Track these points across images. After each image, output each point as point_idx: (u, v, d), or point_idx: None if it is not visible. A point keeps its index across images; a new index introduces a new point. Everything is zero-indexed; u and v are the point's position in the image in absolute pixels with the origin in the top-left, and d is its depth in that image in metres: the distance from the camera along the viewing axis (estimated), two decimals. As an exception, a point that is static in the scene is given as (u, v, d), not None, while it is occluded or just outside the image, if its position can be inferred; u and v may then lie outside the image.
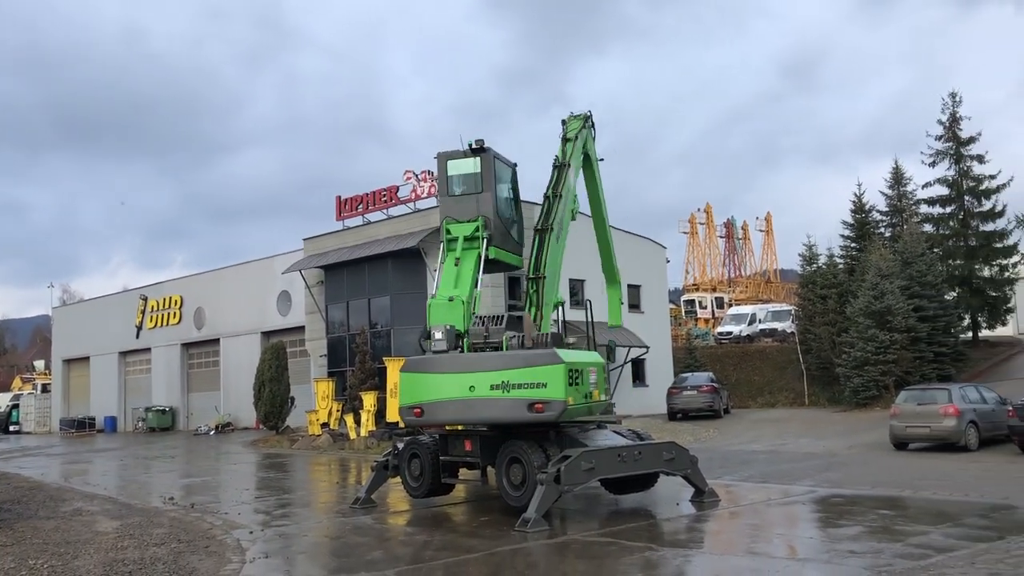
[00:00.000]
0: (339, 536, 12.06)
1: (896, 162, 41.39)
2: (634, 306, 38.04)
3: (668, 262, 43.37)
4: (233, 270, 44.84)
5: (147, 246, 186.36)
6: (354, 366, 31.28)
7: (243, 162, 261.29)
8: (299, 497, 17.20)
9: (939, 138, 38.51)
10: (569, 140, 15.58)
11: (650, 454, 13.12)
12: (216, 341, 44.59)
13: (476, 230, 13.93)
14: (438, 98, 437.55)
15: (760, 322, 50.14)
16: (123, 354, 51.10)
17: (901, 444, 21.36)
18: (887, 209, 40.60)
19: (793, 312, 42.20)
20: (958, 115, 38.29)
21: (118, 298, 53.97)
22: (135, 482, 20.98)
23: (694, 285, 73.16)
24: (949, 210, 38.53)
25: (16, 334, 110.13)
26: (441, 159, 14.67)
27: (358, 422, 28.23)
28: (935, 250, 36.44)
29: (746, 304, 60.19)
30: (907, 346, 30.98)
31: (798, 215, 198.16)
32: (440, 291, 13.74)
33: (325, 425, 30.18)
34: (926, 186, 39.18)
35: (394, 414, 21.56)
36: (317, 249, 36.42)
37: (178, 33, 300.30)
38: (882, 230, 40.08)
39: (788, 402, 37.20)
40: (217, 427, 40.30)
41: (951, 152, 38.27)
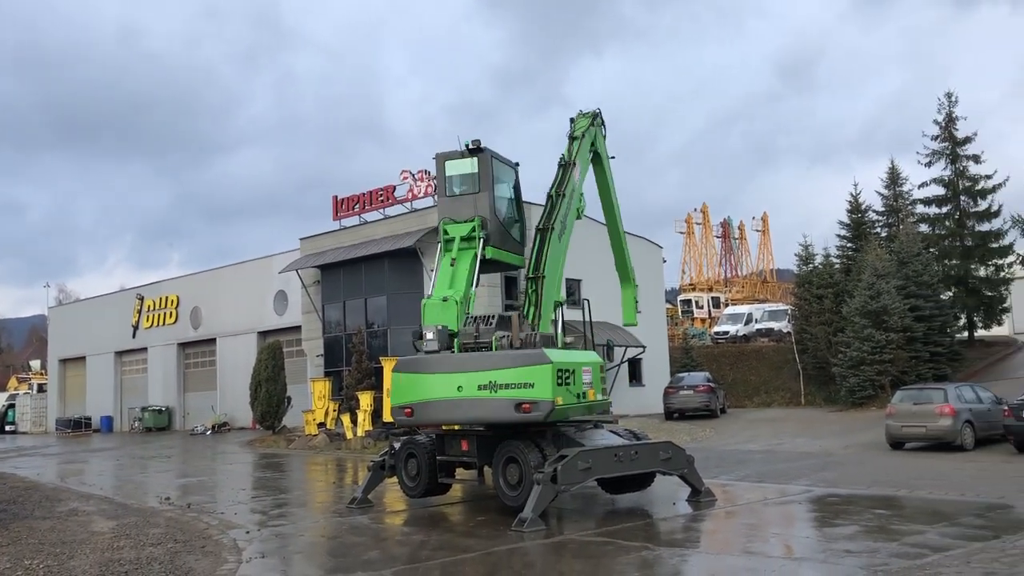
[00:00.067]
0: (336, 536, 12.04)
1: (892, 162, 41.35)
2: (631, 306, 38.00)
3: (665, 262, 43.40)
4: (230, 270, 44.79)
5: (143, 245, 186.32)
6: (351, 366, 31.26)
7: (240, 161, 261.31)
8: (295, 497, 17.18)
9: (935, 138, 38.61)
10: (576, 138, 15.52)
11: (647, 454, 13.13)
12: (212, 341, 44.54)
13: (473, 230, 13.93)
14: (435, 98, 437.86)
15: (756, 322, 50.19)
16: (119, 354, 51.02)
17: (897, 444, 21.40)
18: (883, 209, 40.72)
19: (789, 312, 42.23)
20: (954, 115, 38.40)
21: (114, 298, 53.88)
22: (131, 482, 20.95)
23: (691, 285, 73.22)
24: (945, 210, 38.62)
25: (12, 334, 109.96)
26: (439, 160, 14.68)
27: (355, 422, 28.21)
28: (931, 250, 36.51)
29: (742, 304, 60.23)
30: (903, 346, 31.04)
31: (795, 215, 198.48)
32: (435, 291, 13.77)
33: (322, 425, 30.16)
34: (922, 186, 39.32)
35: (390, 414, 21.57)
36: (314, 249, 36.40)
37: (175, 33, 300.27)
38: (878, 230, 40.18)
39: (784, 402, 37.25)
40: (213, 427, 40.26)
41: (947, 152, 38.35)
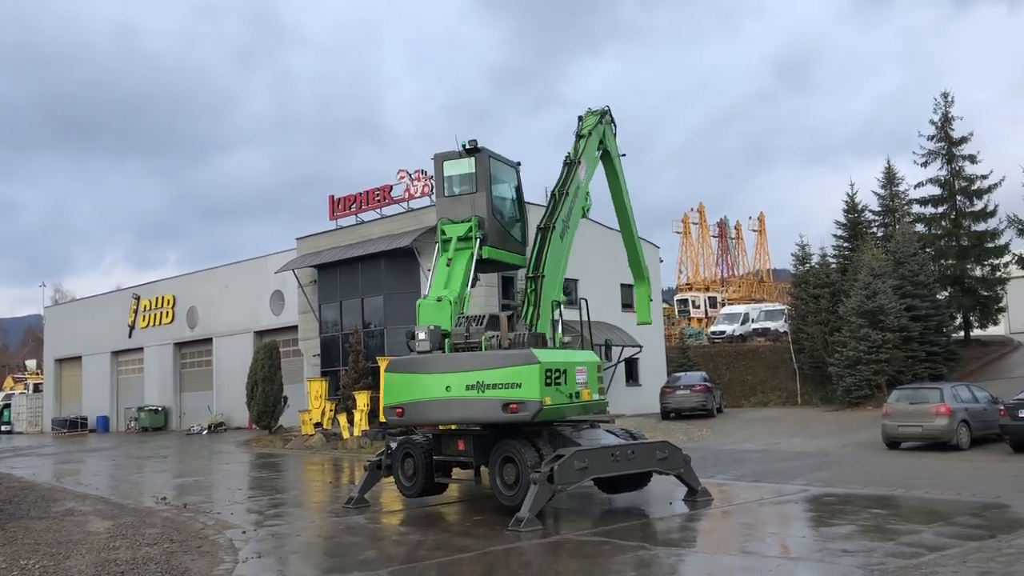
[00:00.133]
0: (332, 536, 12.03)
1: (888, 162, 41.58)
2: (627, 305, 37.99)
3: (661, 261, 43.42)
4: (226, 269, 44.76)
5: (140, 245, 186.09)
6: (347, 366, 31.25)
7: (237, 161, 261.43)
8: (292, 497, 17.16)
9: (931, 138, 38.69)
10: (582, 137, 15.46)
11: (643, 453, 13.12)
12: (209, 340, 44.50)
13: (469, 230, 13.91)
14: (431, 97, 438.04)
15: (753, 321, 50.27)
16: (115, 354, 50.95)
17: (893, 443, 21.42)
18: (879, 209, 40.77)
19: (786, 311, 42.29)
20: (950, 115, 38.48)
21: (110, 297, 53.82)
22: (127, 482, 20.92)
23: (687, 285, 73.34)
24: (941, 210, 38.68)
25: (8, 334, 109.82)
26: (438, 160, 14.67)
27: (351, 422, 28.19)
28: (927, 250, 36.58)
29: (739, 304, 60.34)
30: (899, 345, 31.09)
31: (791, 215, 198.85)
32: (431, 291, 13.79)
33: (318, 425, 30.14)
34: (918, 186, 39.40)
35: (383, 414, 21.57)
36: (310, 248, 36.37)
37: (172, 32, 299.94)
38: (874, 230, 40.23)
39: (781, 401, 37.29)
40: (210, 427, 40.22)
41: (943, 152, 38.42)
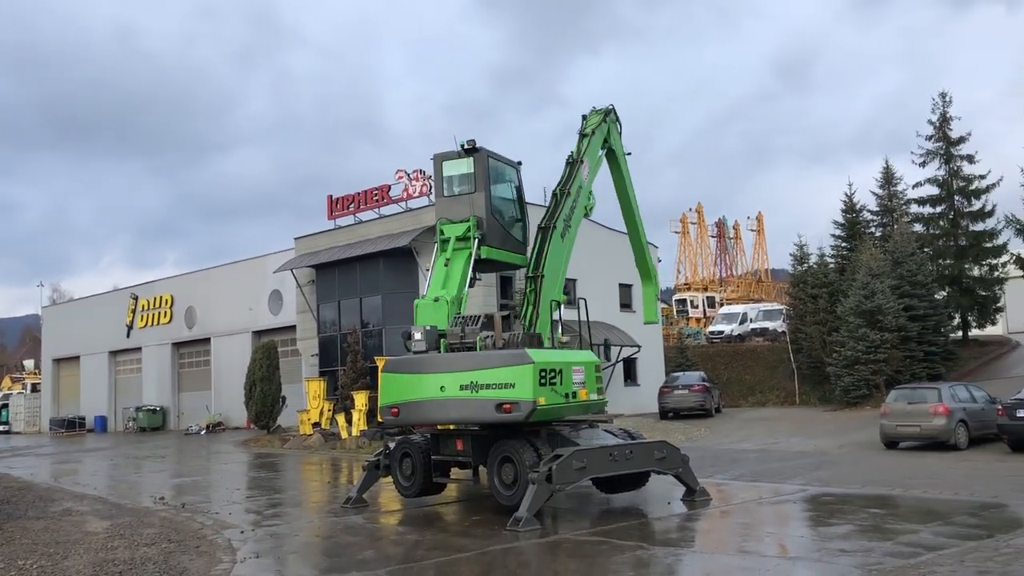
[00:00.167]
0: (330, 536, 12.03)
1: (887, 162, 41.63)
2: (625, 305, 38.09)
3: (660, 261, 43.34)
4: (224, 269, 44.73)
5: (138, 245, 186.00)
6: (345, 365, 31.23)
7: (236, 161, 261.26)
8: (290, 497, 17.16)
9: (929, 138, 38.71)
10: (585, 135, 15.43)
11: (641, 453, 13.13)
12: (207, 340, 44.46)
13: (467, 230, 13.91)
14: (431, 97, 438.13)
15: (751, 321, 50.28)
16: (113, 353, 50.90)
17: (891, 443, 21.43)
18: (878, 209, 40.79)
19: (784, 311, 42.31)
20: (948, 115, 38.51)
21: (108, 297, 53.76)
22: (125, 482, 20.90)
23: (685, 284, 73.40)
24: (939, 210, 38.71)
25: (5, 333, 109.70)
26: (437, 160, 14.68)
27: (349, 421, 28.18)
28: (925, 249, 36.59)
29: (737, 303, 60.38)
30: (897, 345, 31.11)
31: (790, 215, 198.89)
32: (429, 291, 13.82)
33: (316, 424, 30.13)
34: (916, 186, 39.42)
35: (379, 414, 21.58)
36: (308, 248, 36.35)
37: (172, 32, 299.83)
38: (873, 230, 40.24)
39: (779, 401, 37.30)
40: (208, 427, 40.18)
41: (941, 152, 38.45)
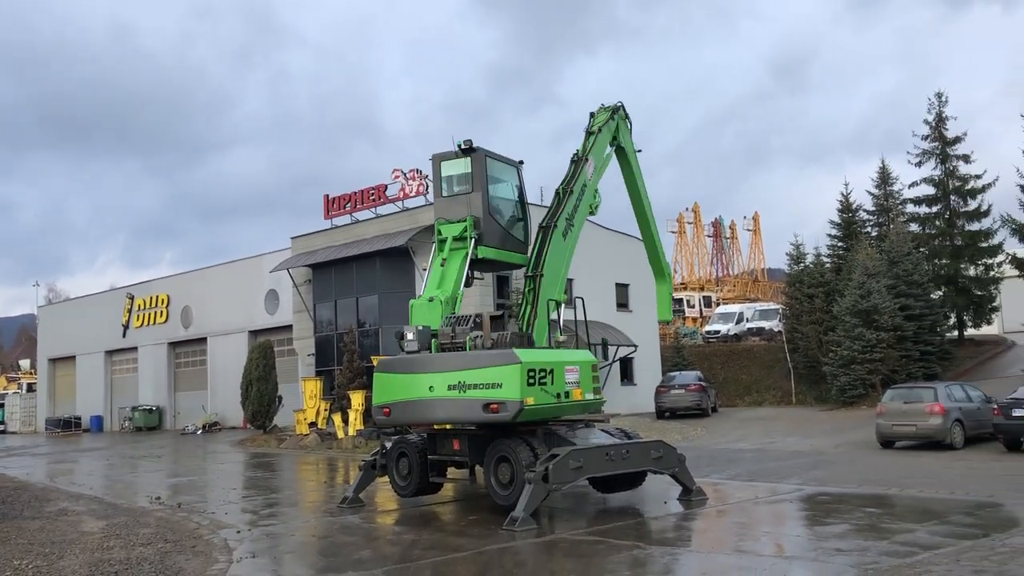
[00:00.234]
0: (327, 535, 12.02)
1: (883, 162, 41.49)
2: (622, 305, 38.11)
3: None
4: (220, 269, 44.67)
5: (135, 244, 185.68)
6: (342, 365, 31.21)
7: (234, 160, 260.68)
8: (287, 496, 17.14)
9: (925, 138, 38.72)
10: (592, 133, 15.36)
11: (638, 453, 13.14)
12: (203, 340, 44.41)
13: (464, 230, 13.91)
14: (428, 97, 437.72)
15: (747, 321, 50.31)
16: (109, 353, 50.82)
17: (887, 442, 21.47)
18: (874, 208, 40.79)
19: (780, 311, 42.33)
20: (944, 115, 38.51)
21: (104, 297, 53.68)
22: (121, 482, 20.87)
23: (682, 284, 73.40)
24: (935, 209, 38.72)
25: (1, 333, 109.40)
26: (435, 160, 14.68)
27: (346, 421, 28.17)
28: (921, 249, 36.61)
29: (734, 303, 60.41)
30: (893, 345, 31.14)
31: (787, 215, 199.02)
32: (425, 291, 13.81)
33: (313, 424, 30.11)
34: (912, 186, 39.40)
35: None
36: (305, 248, 36.32)
37: (168, 31, 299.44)
38: (869, 229, 40.26)
39: (775, 401, 37.32)
40: (204, 426, 40.14)
41: (937, 152, 38.46)
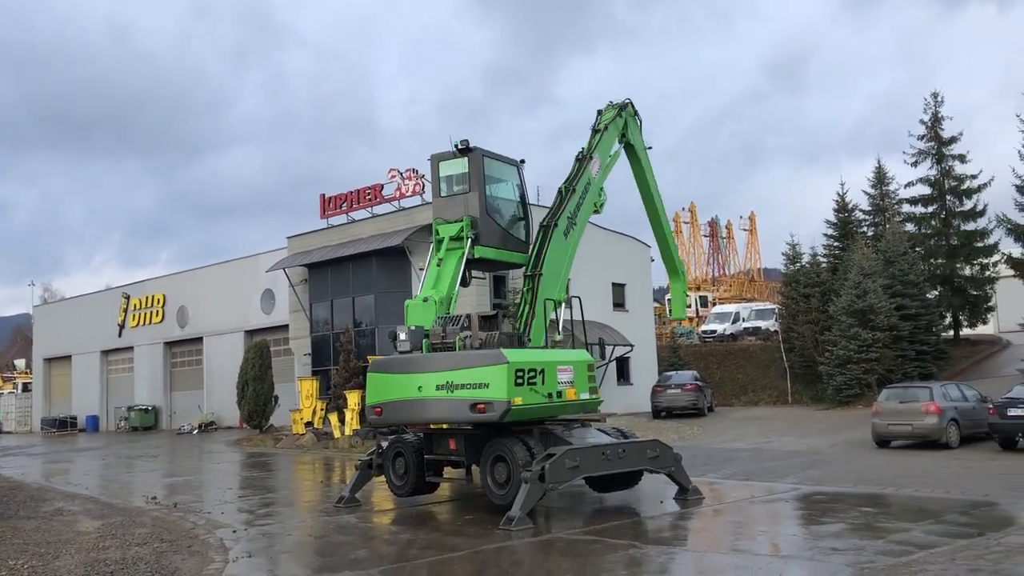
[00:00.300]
0: (323, 535, 12.01)
1: (879, 161, 41.50)
2: (618, 304, 38.12)
3: (653, 261, 43.43)
4: (216, 268, 44.59)
5: (131, 244, 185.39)
6: (338, 365, 31.18)
7: (231, 160, 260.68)
8: (283, 496, 17.12)
9: (921, 138, 38.78)
10: (598, 131, 15.28)
11: (634, 452, 13.14)
12: (199, 340, 44.33)
13: (461, 230, 13.90)
14: (425, 97, 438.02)
15: (744, 321, 50.35)
16: (105, 353, 50.70)
17: (883, 442, 21.50)
18: (870, 208, 40.89)
19: (776, 311, 42.38)
20: (940, 115, 38.57)
21: (100, 296, 53.55)
22: (117, 481, 20.83)
23: (678, 284, 73.27)
24: (931, 209, 38.79)
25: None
26: (434, 160, 14.67)
27: (342, 421, 28.13)
28: (917, 249, 36.68)
29: (730, 303, 60.44)
30: (889, 344, 31.19)
31: (783, 214, 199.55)
32: (421, 291, 13.80)
33: (309, 424, 30.06)
34: (908, 185, 39.47)
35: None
36: (301, 247, 36.28)
37: (166, 31, 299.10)
38: (865, 229, 40.34)
39: (771, 400, 37.37)
40: (200, 426, 40.07)
41: (933, 152, 38.52)
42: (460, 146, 14.08)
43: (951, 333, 37.63)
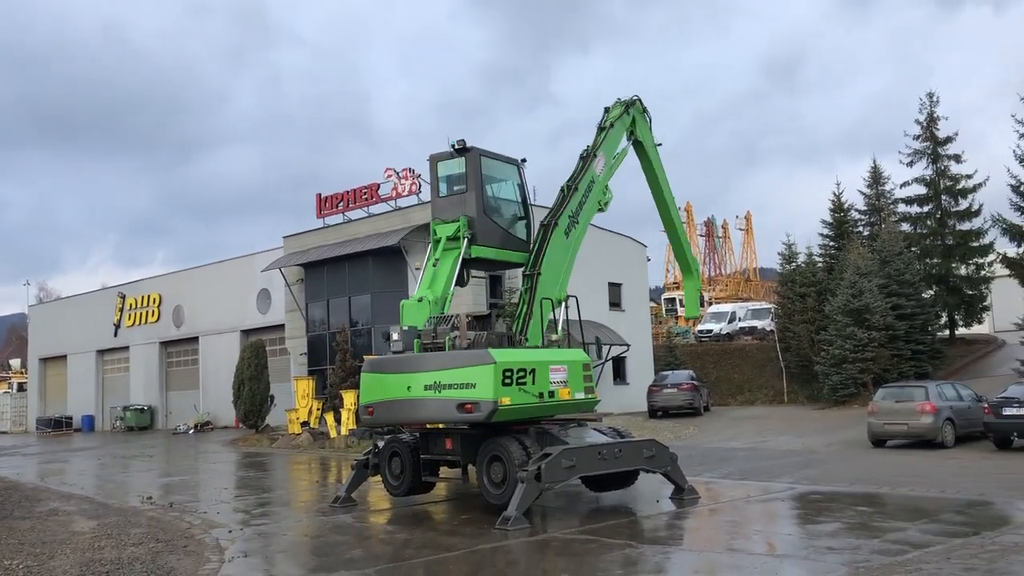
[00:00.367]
0: (319, 535, 11.99)
1: (875, 161, 41.74)
2: (615, 304, 38.14)
3: (649, 260, 43.54)
4: (212, 268, 44.55)
5: (127, 243, 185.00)
6: (334, 364, 31.18)
7: (226, 159, 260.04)
8: (279, 496, 17.11)
9: (917, 138, 38.85)
10: (603, 129, 15.22)
11: (630, 452, 13.14)
12: (195, 339, 44.28)
13: (457, 230, 13.88)
14: (421, 96, 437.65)
15: (740, 320, 50.42)
16: (101, 352, 50.63)
17: (879, 441, 21.53)
18: (865, 208, 40.96)
19: (772, 310, 42.44)
20: (935, 115, 38.65)
21: (96, 296, 53.45)
22: (112, 481, 20.80)
23: (675, 283, 73.46)
24: (926, 209, 38.85)
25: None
26: (432, 161, 14.65)
27: (338, 420, 28.11)
28: (912, 249, 36.75)
29: (726, 302, 60.51)
30: (885, 344, 31.25)
31: (779, 214, 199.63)
32: (417, 291, 13.79)
33: (305, 424, 30.05)
34: (904, 185, 39.55)
35: (359, 413, 21.59)
36: (297, 247, 36.25)
37: (161, 30, 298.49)
38: (861, 229, 40.39)
39: (767, 400, 37.42)
40: (196, 426, 40.03)
41: (928, 152, 38.59)
42: (457, 146, 14.06)
43: (947, 332, 37.71)
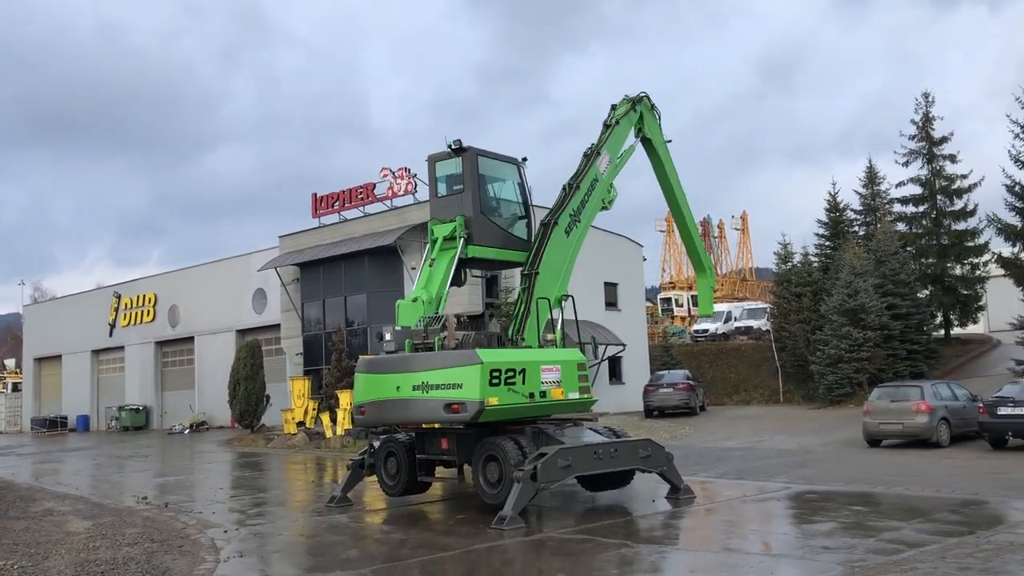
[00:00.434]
0: (315, 535, 11.98)
1: (870, 161, 41.68)
2: (611, 304, 38.16)
3: (645, 260, 43.55)
4: (208, 267, 44.49)
5: (122, 243, 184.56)
6: (330, 364, 31.13)
7: (221, 159, 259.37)
8: (274, 496, 17.09)
9: (912, 138, 38.89)
10: (608, 126, 15.13)
11: (626, 451, 13.15)
12: (190, 339, 44.22)
13: (454, 230, 13.87)
14: (416, 95, 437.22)
15: (736, 320, 50.48)
16: (96, 352, 50.53)
17: (874, 441, 21.56)
18: (861, 208, 40.98)
19: (768, 310, 42.47)
20: (931, 115, 38.68)
21: (91, 296, 53.36)
22: (108, 481, 20.76)
23: (670, 283, 73.66)
24: (922, 209, 38.90)
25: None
26: (431, 161, 14.63)
27: (334, 420, 28.09)
28: (908, 249, 36.78)
29: (722, 302, 60.52)
30: (880, 343, 31.28)
31: (775, 214, 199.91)
32: (413, 291, 13.78)
33: (301, 424, 30.02)
34: (899, 185, 39.58)
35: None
36: (293, 246, 36.21)
37: (156, 29, 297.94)
38: (856, 229, 40.43)
39: (763, 399, 37.45)
40: (191, 426, 39.98)
41: (924, 152, 38.64)
42: (453, 146, 14.04)
43: (942, 332, 37.76)
